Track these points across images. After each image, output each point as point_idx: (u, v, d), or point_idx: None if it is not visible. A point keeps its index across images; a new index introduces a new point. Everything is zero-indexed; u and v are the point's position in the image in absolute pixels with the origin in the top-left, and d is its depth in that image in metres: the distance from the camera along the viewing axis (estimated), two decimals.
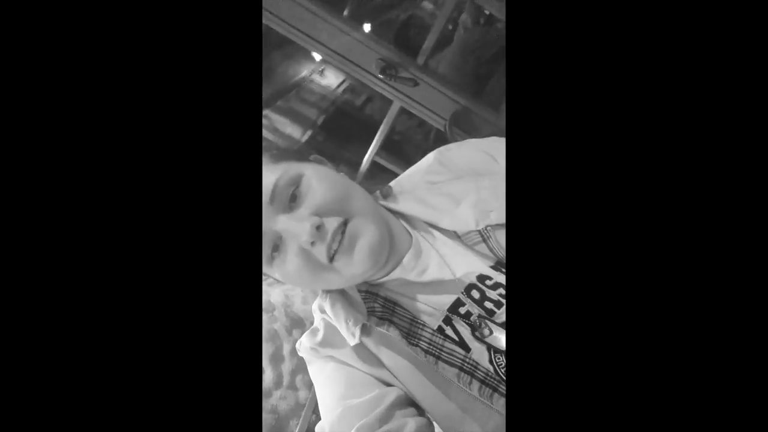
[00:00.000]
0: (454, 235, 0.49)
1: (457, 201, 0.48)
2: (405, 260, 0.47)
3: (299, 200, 0.43)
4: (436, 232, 0.50)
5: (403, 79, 1.05)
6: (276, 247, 0.43)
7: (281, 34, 1.09)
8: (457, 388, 0.42)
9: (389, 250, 0.45)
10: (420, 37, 1.13)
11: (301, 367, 1.75)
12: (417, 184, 0.52)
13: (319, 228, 0.41)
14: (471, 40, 1.34)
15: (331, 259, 0.43)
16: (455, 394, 0.43)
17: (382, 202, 0.52)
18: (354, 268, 0.44)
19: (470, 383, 0.42)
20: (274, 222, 0.42)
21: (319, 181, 0.44)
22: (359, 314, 0.46)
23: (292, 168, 0.44)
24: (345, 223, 0.43)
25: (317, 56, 1.78)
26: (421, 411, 0.46)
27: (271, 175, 0.43)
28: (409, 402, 0.46)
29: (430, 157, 0.54)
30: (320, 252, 0.42)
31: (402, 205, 0.51)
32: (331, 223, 0.42)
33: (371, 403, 0.44)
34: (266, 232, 0.42)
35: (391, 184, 0.54)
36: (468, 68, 1.32)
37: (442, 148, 0.55)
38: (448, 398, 0.43)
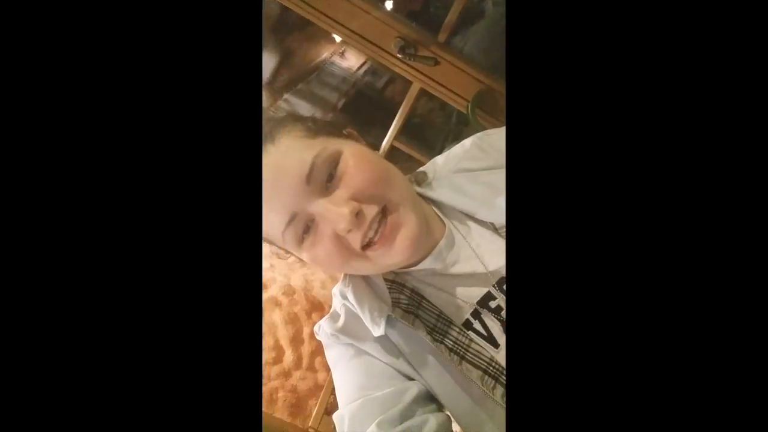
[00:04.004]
0: (492, 227, 0.46)
1: (496, 191, 0.45)
2: (436, 250, 0.45)
3: (336, 182, 0.40)
4: (471, 223, 0.47)
5: (422, 58, 1.01)
6: (307, 229, 0.41)
7: (300, 15, 1.07)
8: (480, 390, 0.41)
9: (426, 241, 0.43)
10: (442, 13, 1.08)
11: (320, 349, 1.77)
12: (453, 171, 0.49)
13: (358, 215, 0.39)
14: (501, 16, 1.26)
15: (365, 246, 0.41)
16: (477, 396, 0.41)
17: (416, 189, 0.49)
18: (391, 259, 0.42)
19: (494, 388, 0.41)
20: (309, 203, 0.40)
21: (357, 162, 0.41)
22: (384, 305, 0.45)
23: (331, 145, 0.41)
24: (384, 211, 0.40)
25: (337, 37, 1.75)
26: (441, 406, 0.45)
27: (309, 151, 0.40)
28: (429, 397, 0.45)
29: (468, 142, 0.51)
30: (354, 239, 0.40)
31: (437, 193, 0.48)
32: (370, 210, 0.40)
33: (393, 398, 0.43)
34: (299, 212, 0.40)
35: (424, 169, 0.50)
36: (497, 47, 1.24)
37: (481, 133, 0.51)
38: (469, 399, 0.42)
